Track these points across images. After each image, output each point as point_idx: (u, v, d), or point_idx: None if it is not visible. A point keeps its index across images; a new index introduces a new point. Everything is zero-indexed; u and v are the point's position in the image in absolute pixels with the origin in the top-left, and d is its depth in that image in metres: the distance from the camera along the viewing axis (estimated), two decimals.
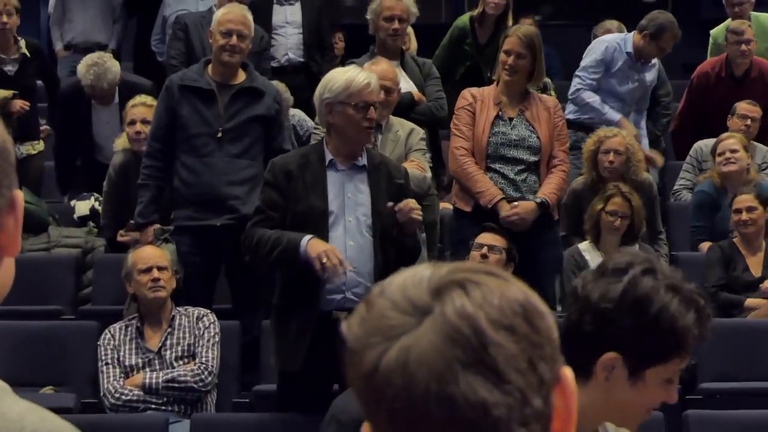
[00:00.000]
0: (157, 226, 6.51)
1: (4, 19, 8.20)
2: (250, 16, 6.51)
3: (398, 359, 1.15)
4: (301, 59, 8.54)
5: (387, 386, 1.15)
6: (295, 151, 5.83)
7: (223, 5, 7.10)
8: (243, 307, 6.36)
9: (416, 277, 1.19)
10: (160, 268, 5.82)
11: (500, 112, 6.52)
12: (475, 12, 8.82)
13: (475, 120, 6.53)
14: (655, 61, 8.52)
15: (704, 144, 8.30)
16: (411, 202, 5.09)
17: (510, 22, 8.85)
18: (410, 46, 10.15)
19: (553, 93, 10.76)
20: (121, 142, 7.33)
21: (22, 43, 8.43)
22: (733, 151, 7.62)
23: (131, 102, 7.31)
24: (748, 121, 8.36)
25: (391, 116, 6.48)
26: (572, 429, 1.21)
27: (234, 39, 6.26)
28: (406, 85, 7.26)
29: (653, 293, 2.20)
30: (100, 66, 7.85)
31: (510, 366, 1.15)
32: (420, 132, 6.57)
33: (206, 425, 5.59)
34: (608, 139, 7.46)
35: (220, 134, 6.19)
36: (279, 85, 7.14)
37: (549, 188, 6.55)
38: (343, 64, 10.61)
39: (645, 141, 8.48)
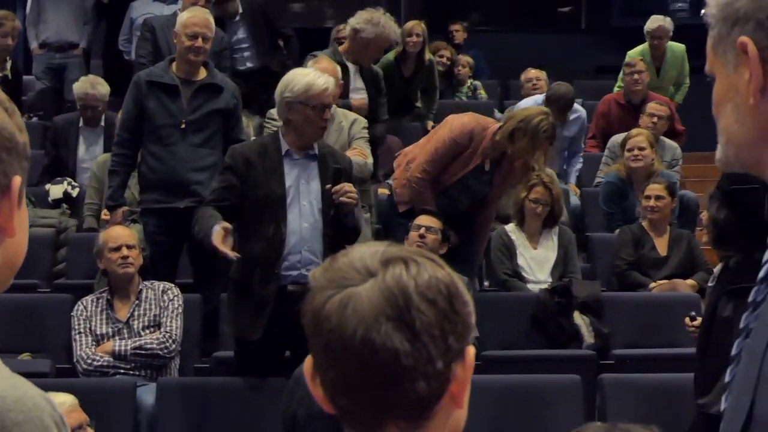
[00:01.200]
0: (126, 208, 6.48)
1: (9, 41, 8.21)
2: (212, 19, 6.47)
3: (340, 303, 1.30)
4: (259, 65, 8.55)
5: (326, 322, 1.30)
6: (254, 141, 5.81)
7: (187, 8, 7.01)
8: (203, 281, 6.33)
9: (372, 249, 1.36)
10: (128, 247, 5.77)
11: (482, 162, 6.31)
12: (398, 51, 8.95)
13: (457, 159, 6.30)
14: (578, 114, 8.60)
15: (620, 138, 8.36)
16: (346, 185, 5.08)
17: (427, 56, 9.12)
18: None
19: (483, 93, 10.82)
20: None
21: (9, 64, 8.40)
22: (641, 148, 7.70)
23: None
24: (655, 119, 8.48)
25: (335, 107, 6.43)
26: (466, 393, 1.35)
27: (199, 41, 6.22)
28: (362, 93, 7.21)
29: None
30: (94, 80, 8.20)
31: (425, 329, 1.29)
32: (362, 122, 6.53)
33: (171, 388, 5.54)
34: None
35: (183, 125, 6.16)
36: None
37: (480, 248, 6.66)
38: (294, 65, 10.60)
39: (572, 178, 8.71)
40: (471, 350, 1.34)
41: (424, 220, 6.08)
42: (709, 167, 9.44)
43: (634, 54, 9.70)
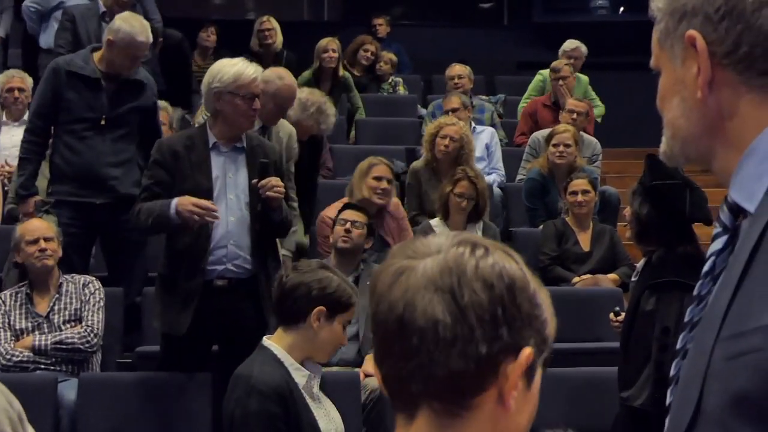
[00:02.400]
0: (38, 198, 6.37)
1: None
2: (149, 26, 6.30)
3: (397, 270, 1.32)
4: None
5: (380, 285, 1.33)
6: (181, 133, 5.75)
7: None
8: (117, 275, 6.27)
9: (451, 234, 1.37)
10: (46, 239, 5.71)
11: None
12: (314, 68, 9.31)
13: None
14: (479, 131, 8.74)
15: (540, 135, 8.49)
16: (272, 180, 5.04)
17: (341, 72, 9.44)
18: (276, 41, 10.12)
19: (402, 89, 10.86)
20: None
21: None
22: (567, 145, 7.78)
23: None
24: (575, 115, 8.61)
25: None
26: (516, 396, 1.30)
27: (138, 63, 6.18)
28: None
29: None
30: (18, 70, 8.29)
31: (473, 308, 1.27)
32: (294, 134, 6.53)
33: (93, 384, 5.47)
34: (446, 126, 7.59)
35: (103, 121, 6.08)
36: None
37: None
38: (216, 56, 10.59)
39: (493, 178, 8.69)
40: (527, 351, 1.29)
41: (349, 214, 6.07)
42: (629, 163, 9.58)
43: (545, 72, 10.09)
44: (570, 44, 10.21)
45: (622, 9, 13.01)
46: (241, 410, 3.51)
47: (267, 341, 3.70)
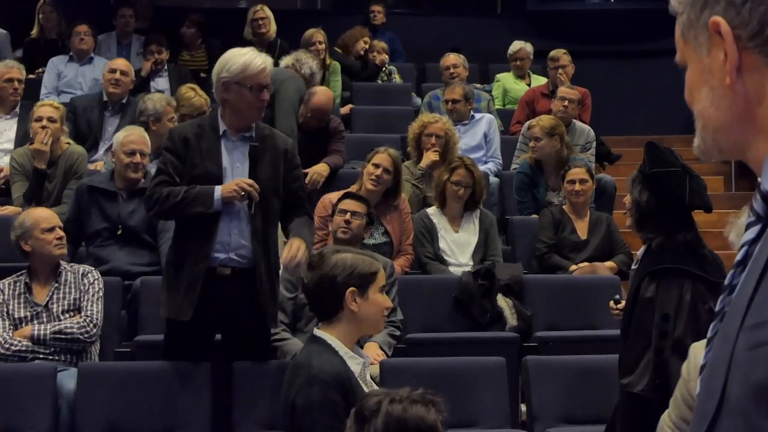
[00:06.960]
0: None
1: None
2: (146, 134, 6.71)
3: None
4: None
5: None
6: (192, 121, 5.74)
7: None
8: None
9: None
10: (60, 228, 5.74)
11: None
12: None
13: None
14: (481, 116, 8.78)
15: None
16: (295, 253, 4.96)
17: (328, 60, 9.56)
18: (269, 29, 10.13)
19: (397, 77, 10.87)
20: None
21: None
22: (537, 139, 7.80)
23: (39, 103, 7.40)
24: (566, 103, 8.62)
25: None
26: None
27: (137, 157, 6.48)
28: None
29: (403, 413, 2.77)
30: (15, 61, 8.42)
31: None
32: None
33: (92, 373, 5.47)
34: (431, 124, 7.63)
35: (120, 232, 6.43)
36: None
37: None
38: (206, 45, 10.60)
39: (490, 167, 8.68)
40: None
41: (349, 204, 6.07)
42: (622, 151, 9.60)
43: (501, 76, 10.49)
44: (514, 46, 10.53)
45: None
46: (303, 399, 3.48)
47: (319, 332, 3.69)
